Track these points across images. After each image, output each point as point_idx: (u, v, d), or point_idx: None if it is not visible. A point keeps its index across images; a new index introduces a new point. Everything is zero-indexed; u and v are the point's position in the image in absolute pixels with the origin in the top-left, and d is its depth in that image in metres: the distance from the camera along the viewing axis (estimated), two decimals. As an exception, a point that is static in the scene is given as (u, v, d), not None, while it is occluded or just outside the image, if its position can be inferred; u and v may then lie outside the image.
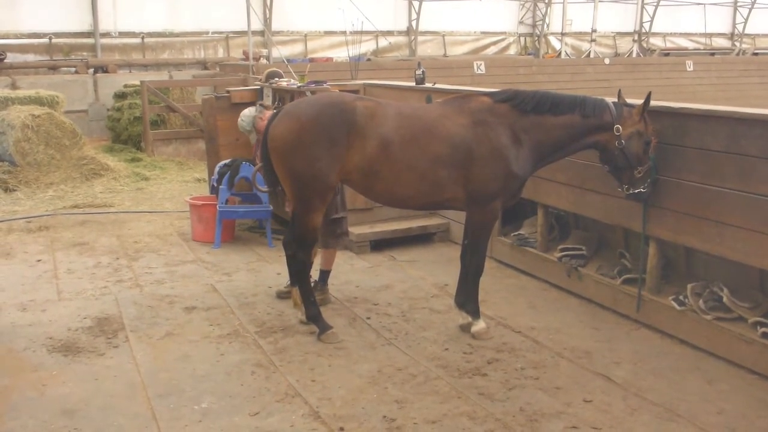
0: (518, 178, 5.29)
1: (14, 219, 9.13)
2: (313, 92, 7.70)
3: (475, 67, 16.53)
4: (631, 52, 27.23)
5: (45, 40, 18.14)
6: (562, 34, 24.83)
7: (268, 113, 7.11)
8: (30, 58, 17.91)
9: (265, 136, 5.33)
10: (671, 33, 29.40)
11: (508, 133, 5.19)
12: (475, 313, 5.53)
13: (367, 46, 21.64)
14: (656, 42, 28.73)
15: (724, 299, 5.07)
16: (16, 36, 17.87)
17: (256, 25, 19.45)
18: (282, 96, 8.37)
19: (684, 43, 29.61)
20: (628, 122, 5.21)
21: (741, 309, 5.00)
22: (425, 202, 5.57)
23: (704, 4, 28.80)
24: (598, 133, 5.25)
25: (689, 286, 5.34)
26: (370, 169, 5.14)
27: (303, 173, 5.14)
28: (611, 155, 5.27)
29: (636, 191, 5.29)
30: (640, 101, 5.30)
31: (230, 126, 8.82)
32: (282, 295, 6.27)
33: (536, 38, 26.32)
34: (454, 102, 5.44)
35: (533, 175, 5.60)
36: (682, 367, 4.97)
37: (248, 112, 7.79)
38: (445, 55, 23.76)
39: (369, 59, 18.69)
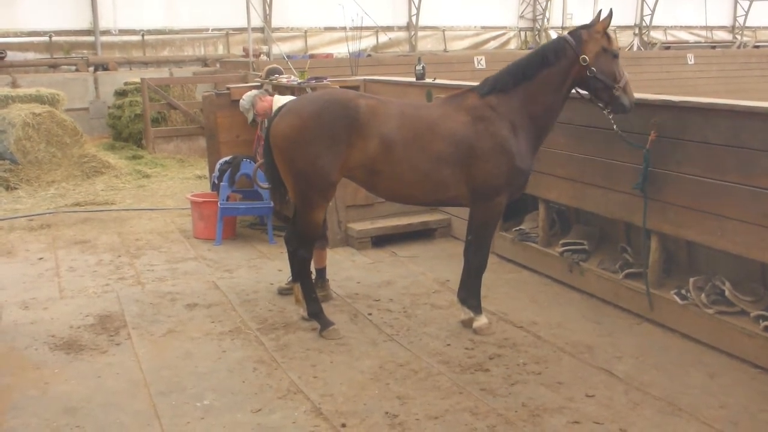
0: (522, 172, 5.30)
1: (16, 217, 9.14)
2: (313, 89, 7.69)
3: (476, 62, 16.49)
4: (632, 46, 27.17)
5: (45, 39, 18.13)
6: (563, 28, 24.78)
7: (270, 98, 7.11)
8: (30, 56, 17.90)
9: (267, 132, 5.34)
10: (672, 26, 29.33)
11: (507, 125, 5.19)
12: (477, 309, 5.52)
13: (367, 42, 21.60)
14: (657, 35, 28.67)
15: (726, 293, 5.06)
16: (16, 34, 17.86)
17: (256, 21, 19.42)
18: (282, 92, 8.35)
19: (685, 36, 29.53)
20: (590, 45, 5.18)
21: (743, 303, 4.99)
22: (430, 200, 5.61)
23: (705, -3, 28.72)
24: (571, 71, 5.21)
25: (691, 280, 5.33)
26: (372, 168, 5.14)
27: (304, 170, 5.14)
28: (587, 83, 5.25)
29: (617, 105, 5.20)
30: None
31: (231, 123, 8.83)
32: (283, 292, 6.27)
33: (537, 32, 26.26)
34: (452, 100, 5.44)
35: (534, 170, 5.59)
36: (684, 361, 4.96)
37: (250, 93, 7.79)
38: (445, 51, 23.72)
39: (369, 55, 18.63)
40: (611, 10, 5.31)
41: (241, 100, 7.79)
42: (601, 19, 5.29)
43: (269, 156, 5.36)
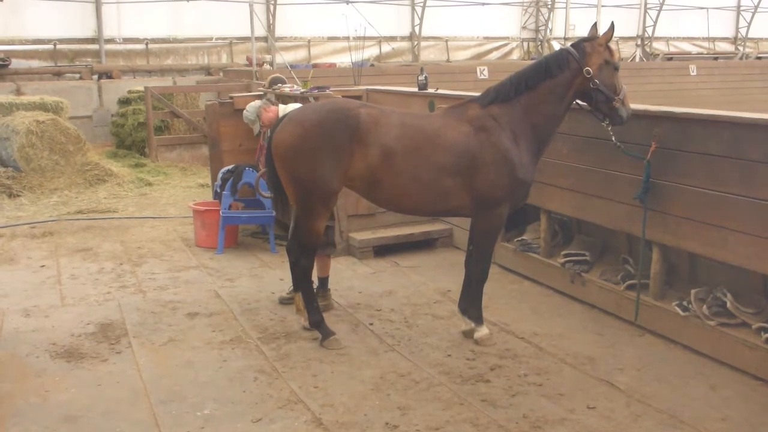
0: (524, 183, 5.30)
1: (18, 224, 9.15)
2: (316, 98, 7.71)
3: (479, 72, 16.55)
4: (635, 57, 27.23)
5: (49, 46, 18.24)
6: (565, 39, 24.86)
7: (275, 107, 7.14)
8: (34, 64, 18.00)
9: (270, 141, 5.35)
10: (674, 37, 29.44)
11: (509, 135, 5.20)
12: (478, 319, 5.52)
13: (370, 52, 21.70)
14: (659, 46, 28.76)
15: (728, 305, 5.05)
16: (21, 42, 17.96)
17: (260, 31, 19.50)
18: (285, 101, 8.38)
19: (687, 47, 29.64)
20: (594, 57, 5.22)
21: (745, 314, 4.98)
22: (431, 210, 5.61)
23: (707, 9, 28.82)
24: (573, 82, 5.25)
25: (693, 291, 5.32)
26: (373, 177, 5.15)
27: (305, 179, 5.15)
28: (590, 96, 5.29)
29: (616, 117, 5.25)
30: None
31: (233, 132, 8.85)
32: (285, 301, 6.26)
33: (539, 43, 26.34)
34: (454, 110, 5.45)
35: (536, 180, 5.60)
36: (685, 373, 4.95)
37: (254, 103, 7.83)
38: (448, 61, 23.80)
39: (372, 65, 18.72)
40: (612, 22, 5.34)
41: (245, 112, 7.82)
42: (600, 32, 5.32)
43: (271, 165, 5.37)
